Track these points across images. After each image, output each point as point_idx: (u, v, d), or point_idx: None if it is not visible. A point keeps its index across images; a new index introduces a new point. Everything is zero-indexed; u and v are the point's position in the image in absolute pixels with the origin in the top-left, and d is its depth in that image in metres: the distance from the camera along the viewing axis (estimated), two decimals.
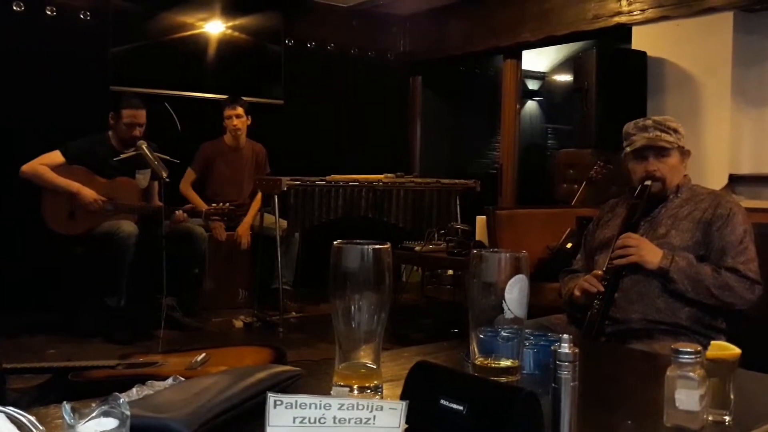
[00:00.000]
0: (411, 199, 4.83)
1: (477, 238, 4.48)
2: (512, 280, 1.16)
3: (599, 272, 2.32)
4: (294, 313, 4.80)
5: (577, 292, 2.33)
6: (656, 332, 2.24)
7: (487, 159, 7.69)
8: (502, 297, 1.15)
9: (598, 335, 2.25)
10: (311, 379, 1.18)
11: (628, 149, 2.41)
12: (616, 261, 2.29)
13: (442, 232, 4.61)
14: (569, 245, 3.86)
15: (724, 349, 1.05)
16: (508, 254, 1.15)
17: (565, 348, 0.95)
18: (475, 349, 1.18)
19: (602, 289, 2.26)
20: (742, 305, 2.22)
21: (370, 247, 1.07)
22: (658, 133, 2.36)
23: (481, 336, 1.20)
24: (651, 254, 2.26)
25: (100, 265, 4.24)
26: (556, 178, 5.48)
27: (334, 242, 1.09)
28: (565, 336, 0.96)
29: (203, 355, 2.03)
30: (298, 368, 1.15)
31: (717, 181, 4.48)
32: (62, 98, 5.04)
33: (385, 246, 1.08)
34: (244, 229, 5.02)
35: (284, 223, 4.61)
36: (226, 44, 5.81)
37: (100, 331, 4.23)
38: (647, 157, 2.36)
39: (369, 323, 1.09)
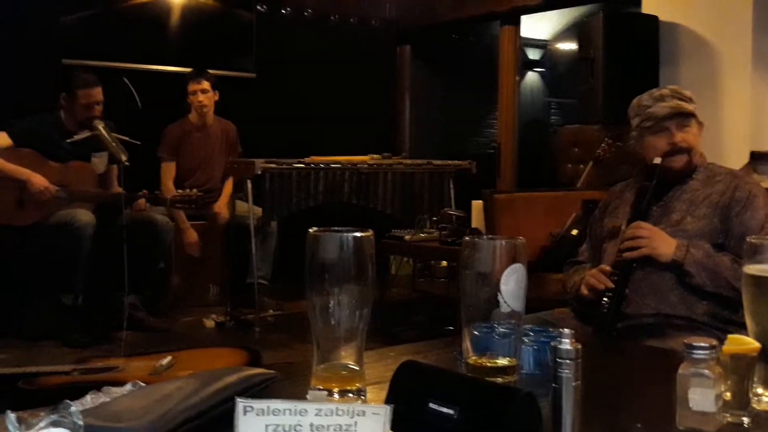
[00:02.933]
0: (399, 182, 4.83)
1: (473, 225, 4.48)
2: (508, 269, 1.16)
3: (607, 267, 2.32)
4: (271, 311, 4.80)
5: (584, 290, 2.33)
6: (670, 328, 2.24)
7: (483, 137, 7.70)
8: (498, 289, 1.15)
9: (609, 334, 2.26)
10: (287, 383, 1.18)
11: (646, 123, 2.39)
12: (626, 254, 2.29)
13: (435, 219, 4.62)
14: (574, 232, 3.87)
15: (742, 343, 1.05)
16: (503, 241, 1.15)
17: (566, 344, 0.95)
18: (469, 347, 1.19)
19: (611, 285, 2.27)
20: None
21: (350, 234, 1.07)
22: (677, 101, 2.36)
23: (475, 332, 1.20)
24: (664, 245, 2.25)
25: (53, 260, 4.21)
26: (559, 158, 5.49)
27: (310, 230, 1.09)
28: (566, 330, 0.97)
29: (169, 358, 2.03)
30: (272, 371, 1.15)
31: (737, 159, 4.50)
32: (7, 73, 4.97)
33: (367, 233, 1.08)
34: (221, 206, 5.00)
35: (258, 210, 4.60)
36: (190, 11, 5.77)
37: (54, 333, 4.21)
38: (669, 128, 2.36)
39: (350, 320, 1.10)
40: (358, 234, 1.07)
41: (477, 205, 4.43)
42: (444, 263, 5.65)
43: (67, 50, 5.25)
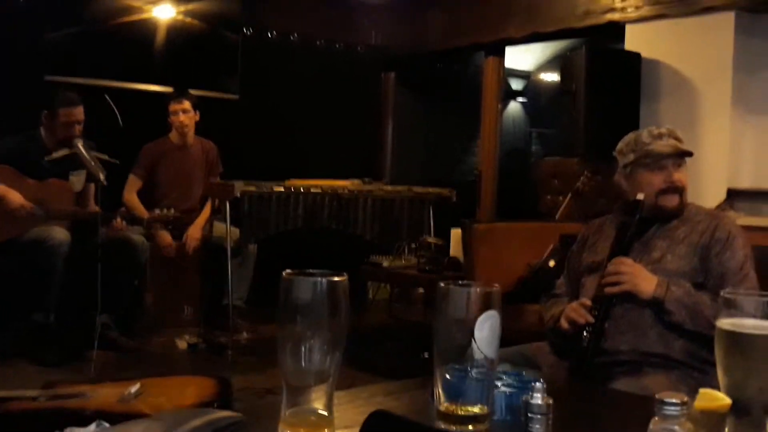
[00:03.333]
0: (379, 208, 4.82)
1: (451, 253, 4.49)
2: (482, 316, 1.15)
3: (587, 301, 2.32)
4: (245, 334, 4.76)
5: (564, 324, 2.33)
6: (646, 365, 2.25)
7: (465, 165, 7.71)
8: (472, 335, 1.14)
9: (587, 369, 2.25)
10: (254, 427, 1.16)
11: (644, 159, 2.39)
12: (607, 289, 2.29)
13: (413, 246, 4.61)
14: (552, 263, 3.88)
15: (713, 399, 1.05)
16: (478, 289, 1.14)
17: (538, 399, 0.94)
18: (441, 393, 1.17)
19: (591, 320, 2.27)
20: None
21: (324, 279, 1.05)
22: (676, 142, 2.38)
23: (448, 375, 1.19)
24: (645, 282, 2.27)
25: (26, 277, 4.16)
26: (539, 189, 5.52)
27: (284, 272, 1.07)
28: (538, 385, 0.95)
29: (137, 386, 1.99)
30: (238, 414, 1.12)
31: (714, 196, 4.55)
32: None
33: (342, 278, 1.06)
34: (195, 231, 4.95)
35: (236, 232, 4.57)
36: (176, 31, 5.74)
37: (25, 352, 4.15)
38: (667, 167, 2.37)
39: (321, 363, 1.08)
40: (332, 278, 1.06)
41: (456, 233, 4.44)
42: (421, 289, 5.64)
43: (50, 67, 5.20)
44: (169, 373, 3.95)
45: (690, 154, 2.39)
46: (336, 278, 1.06)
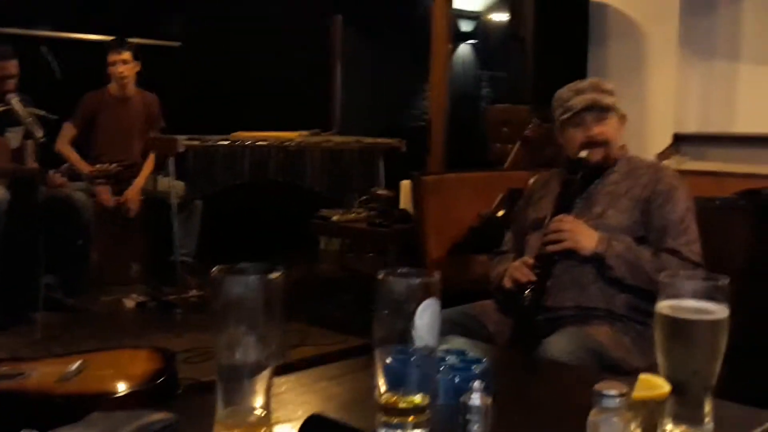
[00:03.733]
0: (328, 160, 4.78)
1: (401, 205, 4.46)
2: (423, 304, 1.13)
3: (530, 260, 2.34)
4: (195, 291, 4.71)
5: (507, 283, 2.35)
6: (591, 318, 2.29)
7: (416, 110, 7.64)
8: (411, 323, 1.12)
9: (530, 326, 2.29)
10: (188, 428, 1.13)
11: (564, 116, 2.43)
12: (548, 247, 2.32)
13: (364, 198, 4.58)
14: (500, 213, 3.90)
15: (653, 386, 1.05)
16: (418, 280, 1.12)
17: (476, 400, 0.93)
18: (381, 382, 1.16)
19: (533, 278, 2.29)
20: None
21: (257, 277, 1.02)
22: (595, 95, 2.39)
23: (388, 361, 1.17)
24: (586, 239, 2.30)
25: None
26: (489, 137, 5.51)
27: (213, 269, 1.03)
28: (476, 384, 0.94)
29: (79, 362, 1.95)
30: (172, 415, 1.10)
31: (660, 141, 4.58)
32: None
33: (276, 275, 1.03)
34: (134, 193, 4.84)
35: (181, 186, 4.49)
36: None
37: None
38: (586, 122, 2.38)
39: (257, 360, 1.05)
40: (265, 276, 1.02)
41: (405, 185, 4.41)
42: None
43: None
44: (116, 335, 3.93)
45: (606, 108, 2.37)
46: (270, 276, 1.03)
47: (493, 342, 2.30)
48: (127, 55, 4.89)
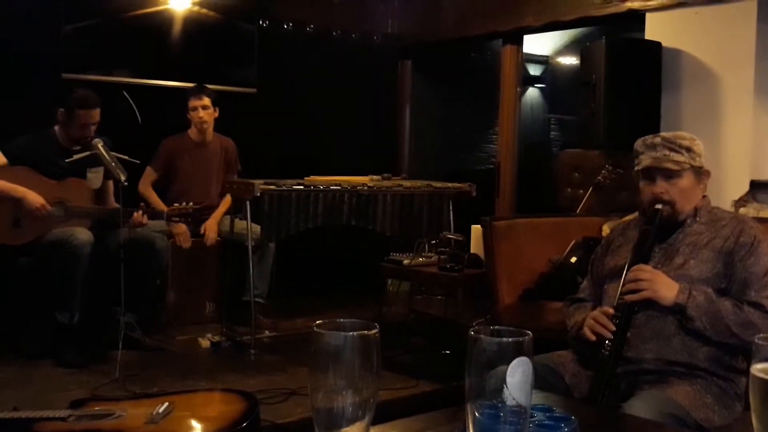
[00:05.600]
0: (399, 204, 4.82)
1: (472, 250, 4.47)
2: (514, 362, 1.14)
3: (609, 309, 2.32)
4: (267, 332, 4.79)
5: (587, 333, 2.33)
6: (671, 374, 2.25)
7: (483, 153, 7.67)
8: (504, 382, 1.14)
9: (611, 378, 2.26)
10: None
11: (636, 168, 2.43)
12: (627, 297, 2.30)
13: (434, 242, 4.60)
14: (573, 259, 3.88)
15: None
16: (510, 339, 1.13)
17: None
18: None
19: (613, 328, 2.27)
20: None
21: (355, 333, 1.06)
22: (667, 152, 2.36)
23: (478, 415, 1.19)
24: (666, 288, 2.27)
25: (49, 278, 4.19)
26: (559, 182, 5.48)
27: (315, 324, 1.08)
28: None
29: (166, 404, 2.02)
30: None
31: (737, 187, 4.51)
32: (5, 87, 4.87)
33: (373, 331, 1.07)
34: (211, 224, 4.98)
35: (257, 228, 4.59)
36: (192, 23, 5.70)
37: (49, 352, 4.19)
38: (655, 179, 2.37)
39: (354, 413, 1.09)
40: (363, 332, 1.06)
41: (476, 229, 4.42)
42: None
43: (66, 64, 5.17)
44: (192, 375, 4.01)
45: (669, 172, 2.35)
46: (367, 332, 1.06)
47: (569, 394, 2.28)
48: (207, 100, 5.04)
